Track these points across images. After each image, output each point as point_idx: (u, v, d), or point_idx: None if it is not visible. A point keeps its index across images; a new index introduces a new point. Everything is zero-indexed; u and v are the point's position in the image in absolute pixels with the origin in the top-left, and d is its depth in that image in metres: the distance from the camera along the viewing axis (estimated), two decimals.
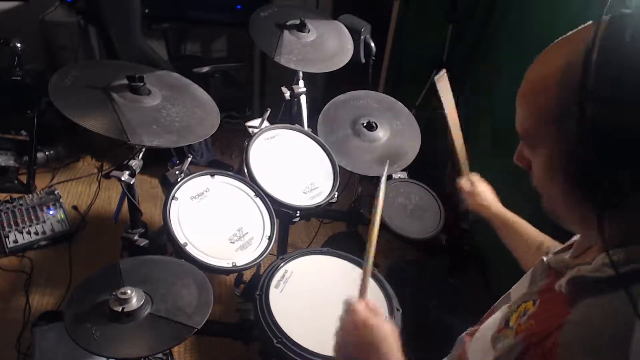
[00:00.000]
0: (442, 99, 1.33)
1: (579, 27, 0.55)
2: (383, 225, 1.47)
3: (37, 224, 2.06)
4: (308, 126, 1.66)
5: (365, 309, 0.80)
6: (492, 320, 0.75)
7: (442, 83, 1.33)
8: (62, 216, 2.12)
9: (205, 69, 2.40)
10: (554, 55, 0.55)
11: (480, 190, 1.22)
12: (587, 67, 0.48)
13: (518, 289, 0.75)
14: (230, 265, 1.18)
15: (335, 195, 1.46)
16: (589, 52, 0.48)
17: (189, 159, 1.31)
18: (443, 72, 1.33)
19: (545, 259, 0.69)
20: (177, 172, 1.27)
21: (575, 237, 0.77)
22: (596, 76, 0.48)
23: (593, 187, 0.52)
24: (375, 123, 1.60)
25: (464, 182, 1.24)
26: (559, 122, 0.53)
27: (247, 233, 1.26)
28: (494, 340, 0.67)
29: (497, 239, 1.91)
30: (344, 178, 1.53)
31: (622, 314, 0.49)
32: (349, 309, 0.81)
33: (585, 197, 0.54)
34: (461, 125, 2.24)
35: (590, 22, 0.51)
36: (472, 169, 1.89)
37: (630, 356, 0.46)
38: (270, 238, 1.28)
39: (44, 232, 2.04)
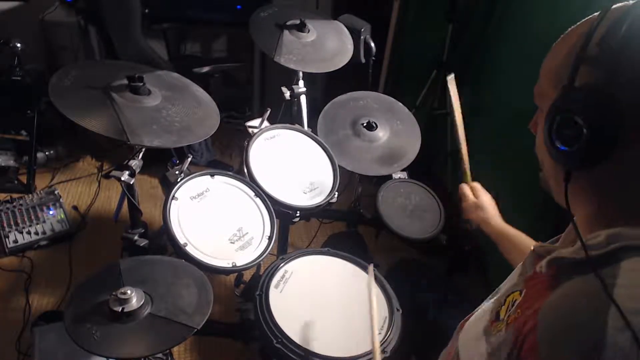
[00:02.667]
0: (452, 101, 1.33)
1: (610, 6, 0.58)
2: (383, 225, 1.47)
3: (37, 224, 2.06)
4: (308, 126, 1.66)
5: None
6: (482, 312, 0.75)
7: (452, 86, 1.32)
8: (62, 216, 2.12)
9: (205, 69, 2.40)
10: (574, 28, 0.60)
11: (482, 203, 1.21)
12: (592, 32, 0.52)
13: (508, 281, 0.76)
14: (230, 265, 1.18)
15: (335, 195, 1.46)
16: (598, 21, 0.52)
17: (189, 159, 1.31)
18: (452, 75, 1.32)
19: (532, 247, 0.70)
20: (177, 172, 1.27)
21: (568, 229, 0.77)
22: (599, 43, 0.52)
23: (561, 143, 0.55)
24: (375, 123, 1.60)
25: (466, 190, 1.24)
26: (557, 82, 0.57)
27: (247, 233, 1.26)
28: (487, 333, 0.67)
29: None
30: (344, 178, 1.53)
31: (597, 294, 0.50)
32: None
33: (554, 156, 0.57)
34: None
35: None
36: (473, 168, 1.88)
37: (607, 336, 0.47)
38: (270, 238, 1.28)
39: (44, 232, 2.04)
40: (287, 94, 1.62)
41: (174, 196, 1.22)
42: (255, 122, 1.52)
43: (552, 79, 0.60)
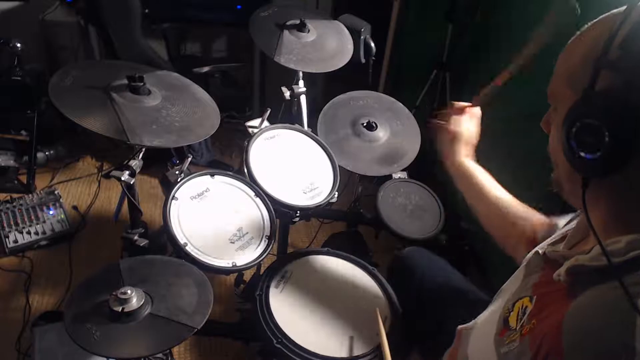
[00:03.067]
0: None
1: (619, 9, 0.57)
2: (383, 225, 1.47)
3: (37, 224, 2.06)
4: (308, 126, 1.66)
5: None
6: (490, 315, 0.74)
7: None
8: (62, 216, 2.12)
9: (205, 69, 2.40)
10: (591, 27, 0.59)
11: (459, 134, 1.13)
12: (614, 37, 0.51)
13: (512, 284, 0.75)
14: (230, 265, 1.18)
15: (335, 195, 1.46)
16: (619, 25, 0.51)
17: (189, 159, 1.31)
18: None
19: (540, 250, 0.69)
20: (177, 172, 1.27)
21: (569, 227, 0.76)
22: (620, 48, 0.51)
23: (578, 153, 0.54)
24: (375, 123, 1.60)
25: (453, 112, 1.14)
26: (575, 85, 0.56)
27: (247, 233, 1.26)
28: (497, 343, 0.65)
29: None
30: (344, 178, 1.53)
31: (623, 304, 0.48)
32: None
33: (573, 163, 0.56)
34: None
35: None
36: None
37: (637, 349, 0.45)
38: (270, 238, 1.28)
39: (44, 232, 2.04)
40: (287, 94, 1.62)
41: (174, 196, 1.22)
42: (255, 122, 1.52)
43: (568, 79, 0.59)
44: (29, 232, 2.02)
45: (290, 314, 1.09)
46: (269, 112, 1.53)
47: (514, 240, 0.97)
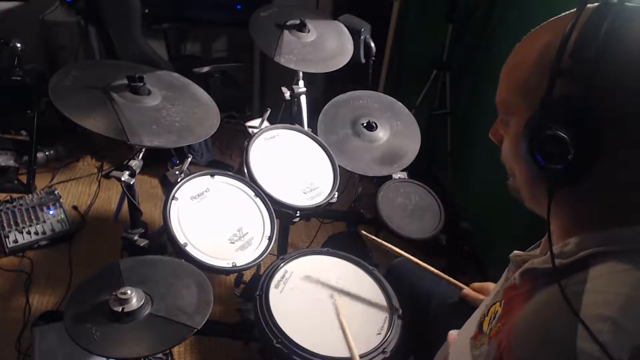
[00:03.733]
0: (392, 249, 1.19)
1: (566, 12, 0.56)
2: (383, 225, 1.47)
3: (37, 224, 2.06)
4: (308, 126, 1.66)
5: None
6: (469, 323, 0.75)
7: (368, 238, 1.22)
8: (62, 216, 2.12)
9: (205, 69, 2.40)
10: (539, 33, 0.58)
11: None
12: (565, 44, 0.50)
13: (494, 290, 0.76)
14: (230, 265, 1.18)
15: (335, 195, 1.46)
16: (570, 31, 0.50)
17: (189, 159, 1.31)
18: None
19: (510, 256, 0.70)
20: (177, 172, 1.27)
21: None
22: (572, 55, 0.50)
23: (542, 160, 0.53)
24: (375, 123, 1.60)
25: (472, 293, 1.06)
26: (529, 95, 0.55)
27: (247, 233, 1.26)
28: (471, 346, 0.67)
29: (497, 240, 1.93)
30: (344, 178, 1.53)
31: (565, 306, 0.49)
32: None
33: (538, 172, 0.55)
34: (461, 126, 2.24)
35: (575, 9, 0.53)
36: (473, 168, 1.88)
37: (578, 348, 0.46)
38: (270, 238, 1.28)
39: (44, 232, 2.04)
40: (287, 94, 1.62)
41: (174, 196, 1.22)
42: (255, 122, 1.52)
43: (519, 89, 0.57)
44: (29, 232, 2.02)
45: (290, 313, 1.09)
46: (269, 112, 1.53)
47: None
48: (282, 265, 1.22)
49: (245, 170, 1.37)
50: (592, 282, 0.50)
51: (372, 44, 2.01)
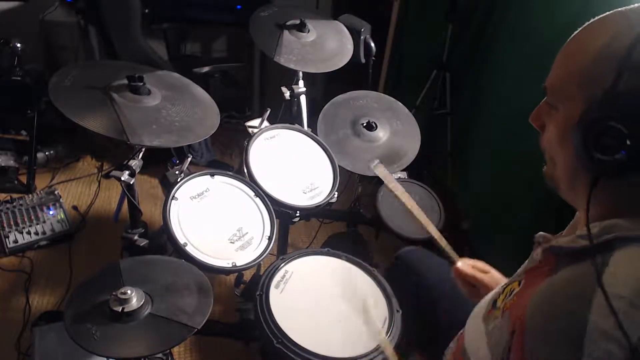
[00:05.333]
0: (391, 187, 1.15)
1: (631, 7, 0.56)
2: (383, 225, 1.47)
3: (37, 224, 2.06)
4: (308, 126, 1.66)
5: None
6: (483, 301, 0.76)
7: (380, 170, 1.17)
8: (62, 216, 2.12)
9: (205, 69, 2.40)
10: (604, 23, 0.58)
11: (496, 275, 0.98)
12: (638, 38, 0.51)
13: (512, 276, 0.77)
14: (230, 265, 1.18)
15: (335, 195, 1.46)
16: None
17: (189, 159, 1.31)
18: (377, 161, 1.20)
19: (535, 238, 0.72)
20: (177, 172, 1.27)
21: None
22: None
23: (595, 154, 0.54)
24: (375, 123, 1.60)
25: (466, 267, 1.01)
26: (588, 85, 0.55)
27: (247, 233, 1.26)
28: (485, 321, 0.68)
29: (497, 240, 1.92)
30: (344, 178, 1.53)
31: (585, 278, 0.52)
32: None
33: (586, 163, 0.56)
34: (461, 126, 2.24)
35: None
36: (473, 168, 1.88)
37: (589, 321, 0.48)
38: (270, 238, 1.28)
39: (44, 232, 2.04)
40: (287, 94, 1.62)
41: (174, 196, 1.22)
42: (255, 122, 1.52)
43: (577, 78, 0.58)
44: (29, 232, 2.02)
45: (290, 314, 1.09)
46: (269, 112, 1.53)
47: None
48: (282, 265, 1.22)
49: (245, 170, 1.37)
50: (615, 264, 0.52)
51: (372, 44, 2.01)
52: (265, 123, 1.51)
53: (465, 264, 1.02)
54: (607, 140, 0.52)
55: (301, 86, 1.65)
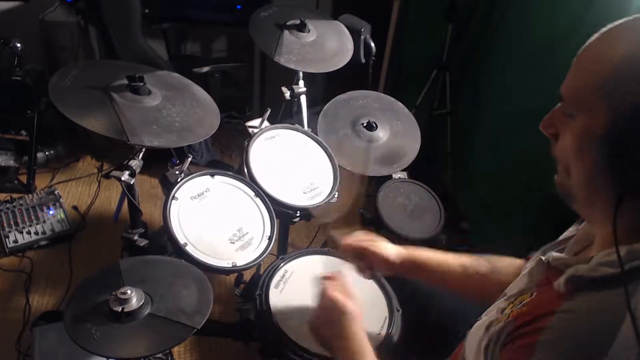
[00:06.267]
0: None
1: None
2: (383, 225, 1.47)
3: (37, 224, 2.06)
4: (308, 126, 1.66)
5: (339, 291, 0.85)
6: (488, 313, 0.76)
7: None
8: (62, 216, 2.12)
9: (205, 69, 2.40)
10: (629, 29, 0.55)
11: (380, 242, 1.00)
12: None
13: (515, 286, 0.75)
14: (230, 265, 1.18)
15: (335, 195, 1.46)
16: None
17: (189, 159, 1.31)
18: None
19: (543, 258, 0.69)
20: (177, 172, 1.27)
21: (567, 233, 0.77)
22: None
23: (623, 169, 0.52)
24: (375, 123, 1.60)
25: (350, 241, 1.01)
26: (612, 96, 0.52)
27: (247, 233, 1.26)
28: (489, 327, 0.67)
29: (497, 240, 1.91)
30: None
31: (612, 310, 0.50)
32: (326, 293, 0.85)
33: (610, 178, 0.53)
34: (461, 126, 2.24)
35: None
36: (473, 168, 1.88)
37: (611, 350, 0.47)
38: (270, 238, 1.28)
39: (44, 232, 2.04)
40: (287, 94, 1.62)
41: (174, 196, 1.22)
42: (255, 122, 1.52)
43: (599, 88, 0.54)
44: (29, 232, 2.02)
45: (290, 314, 1.09)
46: (269, 112, 1.53)
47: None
48: (282, 265, 1.22)
49: (245, 170, 1.37)
50: None
51: (372, 44, 2.01)
52: (266, 123, 1.51)
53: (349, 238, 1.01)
54: (637, 155, 0.50)
55: (301, 86, 1.65)
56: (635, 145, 0.50)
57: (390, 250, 0.99)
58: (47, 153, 2.52)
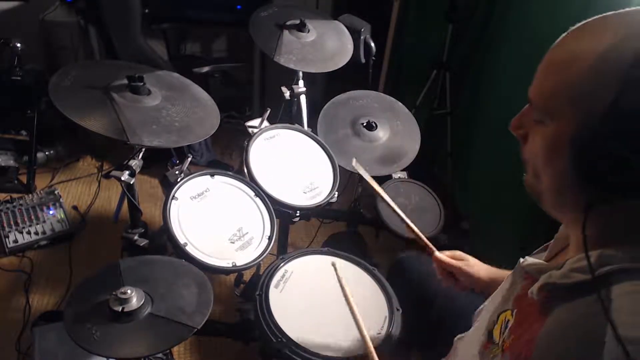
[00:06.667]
0: (372, 184, 1.16)
1: (629, 10, 0.51)
2: (383, 225, 1.47)
3: (37, 224, 2.06)
4: (308, 126, 1.66)
5: None
6: (477, 330, 0.74)
7: (360, 168, 1.18)
8: (62, 216, 2.12)
9: (205, 69, 2.40)
10: (597, 31, 0.51)
11: (472, 262, 1.03)
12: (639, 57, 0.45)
13: (499, 292, 0.74)
14: (230, 265, 1.18)
15: (335, 195, 1.46)
16: None
17: (189, 159, 1.31)
18: (354, 160, 1.21)
19: (521, 260, 0.68)
20: (177, 172, 1.27)
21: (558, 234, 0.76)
22: None
23: (593, 177, 0.49)
24: (375, 123, 1.60)
25: (444, 257, 1.03)
26: (583, 100, 0.49)
27: (247, 233, 1.26)
28: (481, 356, 0.65)
29: (497, 240, 1.92)
30: (344, 178, 1.53)
31: (592, 320, 0.48)
32: None
33: (580, 184, 0.51)
34: (461, 126, 2.24)
35: None
36: (473, 168, 1.87)
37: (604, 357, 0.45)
38: (270, 238, 1.28)
39: (44, 232, 2.04)
40: (287, 94, 1.62)
41: (174, 196, 1.22)
42: (255, 122, 1.52)
43: (567, 90, 0.51)
44: (29, 232, 2.02)
45: (290, 314, 1.09)
46: (269, 112, 1.53)
47: None
48: (282, 265, 1.22)
49: (245, 170, 1.37)
50: (618, 301, 0.48)
51: (372, 44, 2.01)
52: (265, 123, 1.51)
53: (443, 254, 1.04)
54: (606, 163, 0.47)
55: (301, 86, 1.65)
56: (606, 151, 0.47)
57: (481, 272, 1.00)
58: (47, 153, 2.52)
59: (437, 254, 1.03)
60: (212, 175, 1.32)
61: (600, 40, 0.49)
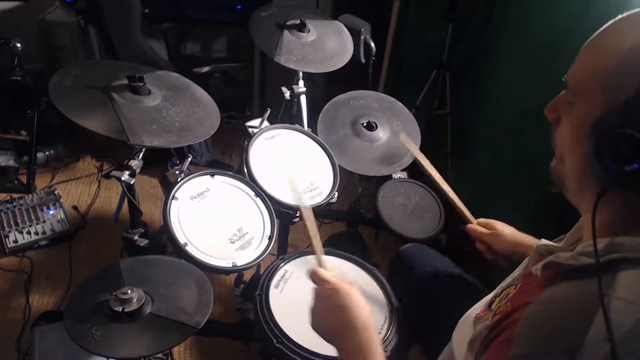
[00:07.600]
0: (420, 159, 1.30)
1: None
2: (383, 225, 1.47)
3: (37, 224, 2.06)
4: (308, 126, 1.66)
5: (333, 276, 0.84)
6: (480, 302, 0.76)
7: (408, 143, 1.30)
8: (62, 216, 2.12)
9: (205, 69, 2.40)
10: (632, 22, 0.55)
11: (499, 228, 1.14)
12: None
13: (511, 277, 0.76)
14: (230, 265, 1.18)
15: (335, 195, 1.46)
16: None
17: (189, 159, 1.31)
18: (402, 134, 1.30)
19: (537, 244, 0.70)
20: (177, 172, 1.27)
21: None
22: None
23: (610, 161, 0.51)
24: (375, 123, 1.60)
25: (476, 227, 1.18)
26: (612, 86, 0.52)
27: (247, 233, 1.26)
28: (476, 321, 0.67)
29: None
30: (344, 178, 1.53)
31: (587, 298, 0.50)
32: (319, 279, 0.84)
33: (597, 170, 0.53)
34: (461, 126, 2.24)
35: None
36: (473, 168, 1.88)
37: (586, 341, 0.47)
38: (270, 238, 1.28)
39: (44, 232, 2.04)
40: (287, 94, 1.62)
41: (174, 196, 1.22)
42: (255, 122, 1.52)
43: (600, 77, 0.54)
44: (29, 232, 2.02)
45: (290, 314, 1.09)
46: (269, 112, 1.53)
47: None
48: (282, 265, 1.22)
49: (245, 170, 1.37)
50: (621, 289, 0.49)
51: (372, 44, 2.01)
52: (265, 123, 1.51)
53: (475, 225, 1.18)
54: (622, 149, 0.49)
55: (301, 86, 1.65)
56: (621, 139, 0.50)
57: (507, 236, 1.12)
58: (47, 153, 2.52)
59: (471, 225, 1.18)
60: (212, 175, 1.32)
61: (635, 34, 0.53)
